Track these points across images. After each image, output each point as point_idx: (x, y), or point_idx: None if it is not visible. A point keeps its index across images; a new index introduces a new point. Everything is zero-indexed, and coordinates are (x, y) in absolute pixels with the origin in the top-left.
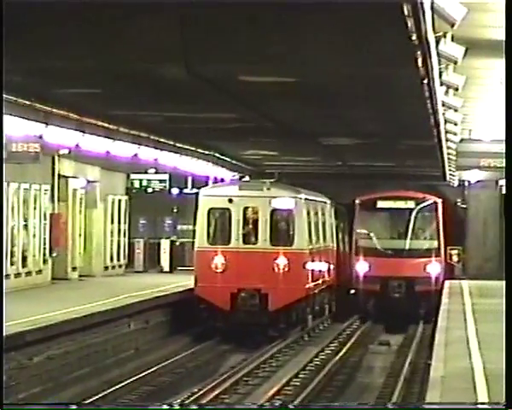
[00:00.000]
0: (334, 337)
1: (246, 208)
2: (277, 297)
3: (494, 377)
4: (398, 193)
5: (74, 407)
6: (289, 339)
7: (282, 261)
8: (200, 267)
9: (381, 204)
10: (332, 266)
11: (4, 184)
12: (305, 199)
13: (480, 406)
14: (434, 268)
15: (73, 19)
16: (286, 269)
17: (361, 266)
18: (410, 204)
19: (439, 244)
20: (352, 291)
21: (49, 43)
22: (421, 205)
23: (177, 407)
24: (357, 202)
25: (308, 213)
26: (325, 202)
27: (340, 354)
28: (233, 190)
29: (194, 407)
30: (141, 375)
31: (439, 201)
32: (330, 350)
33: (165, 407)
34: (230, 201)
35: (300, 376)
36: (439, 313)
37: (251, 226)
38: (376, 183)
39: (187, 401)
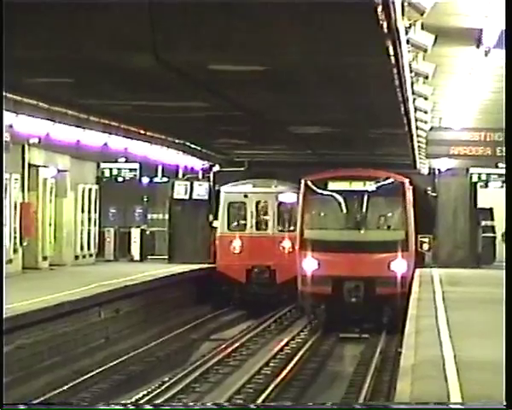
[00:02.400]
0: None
1: (258, 202)
2: (283, 272)
3: (464, 364)
4: (354, 172)
5: (68, 407)
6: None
7: (286, 244)
8: (221, 249)
9: (333, 185)
10: None
11: None
12: None
13: (480, 406)
14: (401, 265)
15: (42, 7)
16: (290, 250)
17: (308, 264)
18: (370, 185)
19: (406, 235)
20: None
21: (18, 32)
22: (384, 186)
23: (178, 407)
24: (302, 182)
25: None
26: None
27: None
28: (248, 188)
29: (195, 407)
30: (111, 364)
31: (406, 181)
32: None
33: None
34: (246, 196)
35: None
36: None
37: (262, 216)
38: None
39: (157, 391)
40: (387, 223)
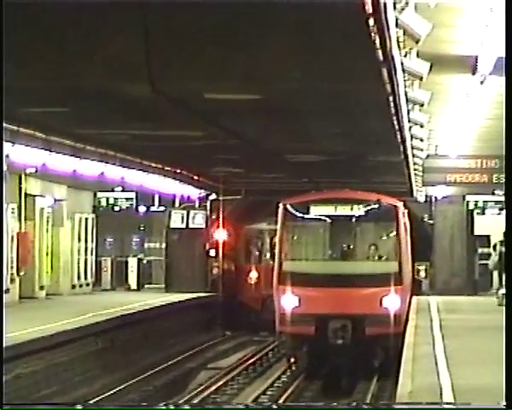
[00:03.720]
0: None
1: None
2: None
3: (462, 392)
4: (340, 194)
5: (79, 406)
6: None
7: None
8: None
9: (316, 210)
10: None
11: None
12: None
13: (480, 406)
14: (394, 301)
15: (39, 38)
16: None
17: (288, 301)
18: (359, 209)
19: (400, 266)
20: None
21: (15, 62)
22: (374, 210)
23: (179, 407)
24: (281, 206)
25: None
26: None
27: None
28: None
29: (193, 407)
30: (108, 393)
31: (400, 204)
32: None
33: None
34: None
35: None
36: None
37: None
38: None
39: None
40: (378, 253)
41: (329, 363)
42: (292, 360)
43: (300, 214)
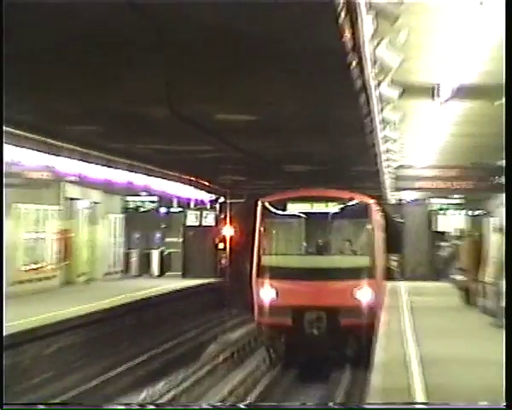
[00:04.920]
0: None
1: None
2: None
3: (426, 361)
4: (315, 192)
5: (71, 406)
6: None
7: None
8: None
9: (292, 207)
10: None
11: (23, 205)
12: None
13: (480, 406)
14: (366, 294)
15: (78, 71)
16: None
17: (266, 293)
18: (333, 207)
19: (373, 260)
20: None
21: (58, 90)
22: (348, 207)
23: (179, 408)
24: (259, 204)
25: None
26: None
27: None
28: None
29: (195, 407)
30: (133, 362)
31: (372, 202)
32: None
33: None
34: None
35: None
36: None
37: None
38: None
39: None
40: (352, 248)
41: (306, 352)
42: (270, 349)
43: (278, 211)
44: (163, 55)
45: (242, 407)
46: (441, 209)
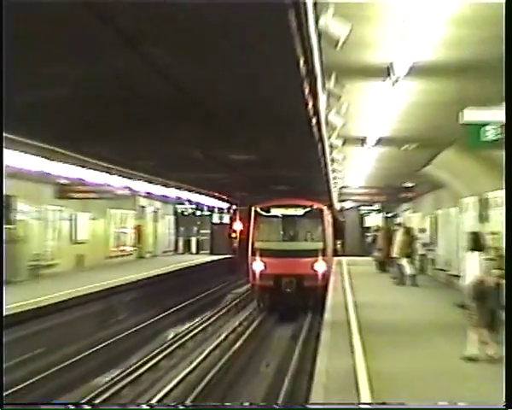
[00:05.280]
0: None
1: None
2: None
3: (358, 305)
4: (289, 201)
5: (72, 407)
6: None
7: None
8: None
9: (274, 211)
10: None
11: (113, 210)
12: None
13: (480, 406)
14: (320, 266)
15: (150, 132)
16: None
17: (257, 265)
18: (300, 210)
19: (324, 245)
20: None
21: (138, 143)
22: (309, 211)
23: (179, 408)
24: (252, 209)
25: None
26: None
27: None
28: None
29: (194, 408)
30: (179, 306)
31: (325, 207)
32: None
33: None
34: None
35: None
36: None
37: None
38: None
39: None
40: (311, 237)
41: (282, 303)
42: (260, 301)
43: (264, 213)
44: (199, 123)
45: (243, 406)
46: (367, 213)
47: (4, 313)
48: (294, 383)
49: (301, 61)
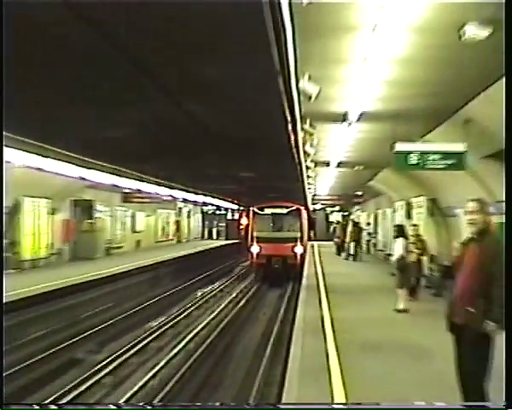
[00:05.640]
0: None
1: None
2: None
3: (326, 274)
4: (277, 203)
5: (70, 407)
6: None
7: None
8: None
9: (267, 210)
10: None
11: (160, 210)
12: None
13: (480, 406)
14: (299, 249)
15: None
16: None
17: (255, 249)
18: (284, 210)
19: (301, 234)
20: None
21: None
22: (291, 210)
23: (177, 408)
24: (251, 209)
25: None
26: None
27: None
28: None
29: (195, 408)
30: (196, 279)
31: (302, 208)
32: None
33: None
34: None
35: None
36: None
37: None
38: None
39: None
40: (292, 228)
41: (272, 276)
42: (257, 274)
43: (259, 212)
44: (218, 153)
45: (243, 407)
46: (330, 212)
47: (90, 279)
48: (282, 326)
49: (287, 111)
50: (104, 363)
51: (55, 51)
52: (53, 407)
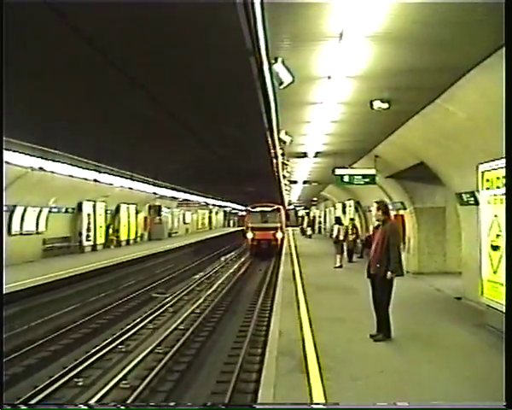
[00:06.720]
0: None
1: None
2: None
3: (301, 254)
4: (265, 203)
5: (69, 407)
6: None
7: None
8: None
9: (257, 208)
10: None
11: (199, 210)
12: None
13: (480, 406)
14: (279, 235)
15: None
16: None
17: (250, 235)
18: (269, 209)
19: (281, 225)
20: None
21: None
22: (274, 209)
23: (179, 408)
24: (247, 208)
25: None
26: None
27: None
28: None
29: (195, 407)
30: (200, 260)
31: (281, 207)
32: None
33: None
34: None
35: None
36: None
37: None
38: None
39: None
40: (274, 221)
41: (261, 253)
42: (251, 252)
43: (252, 210)
44: (230, 179)
45: (244, 407)
46: (299, 210)
47: (159, 251)
48: (271, 277)
49: (272, 151)
50: (170, 298)
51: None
52: (53, 407)
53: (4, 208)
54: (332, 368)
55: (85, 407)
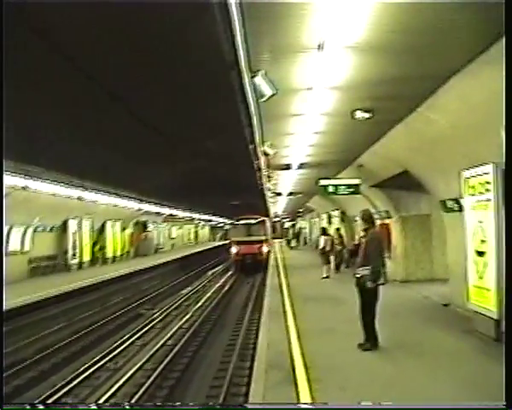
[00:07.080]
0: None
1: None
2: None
3: (280, 258)
4: (249, 215)
5: (68, 407)
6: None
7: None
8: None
9: (242, 221)
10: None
11: (185, 225)
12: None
13: (480, 406)
14: (265, 249)
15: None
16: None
17: (234, 249)
18: (255, 220)
19: (266, 238)
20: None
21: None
22: (259, 221)
23: (179, 407)
24: (232, 220)
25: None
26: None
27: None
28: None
29: (195, 408)
30: (199, 269)
31: (267, 219)
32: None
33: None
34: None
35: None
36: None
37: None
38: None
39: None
40: (260, 233)
41: (246, 269)
42: (235, 268)
43: (237, 222)
44: (225, 192)
45: (243, 407)
46: (284, 222)
47: (146, 266)
48: (258, 288)
49: (255, 164)
50: (157, 314)
51: None
52: (55, 406)
53: None
54: (320, 379)
55: (85, 407)
